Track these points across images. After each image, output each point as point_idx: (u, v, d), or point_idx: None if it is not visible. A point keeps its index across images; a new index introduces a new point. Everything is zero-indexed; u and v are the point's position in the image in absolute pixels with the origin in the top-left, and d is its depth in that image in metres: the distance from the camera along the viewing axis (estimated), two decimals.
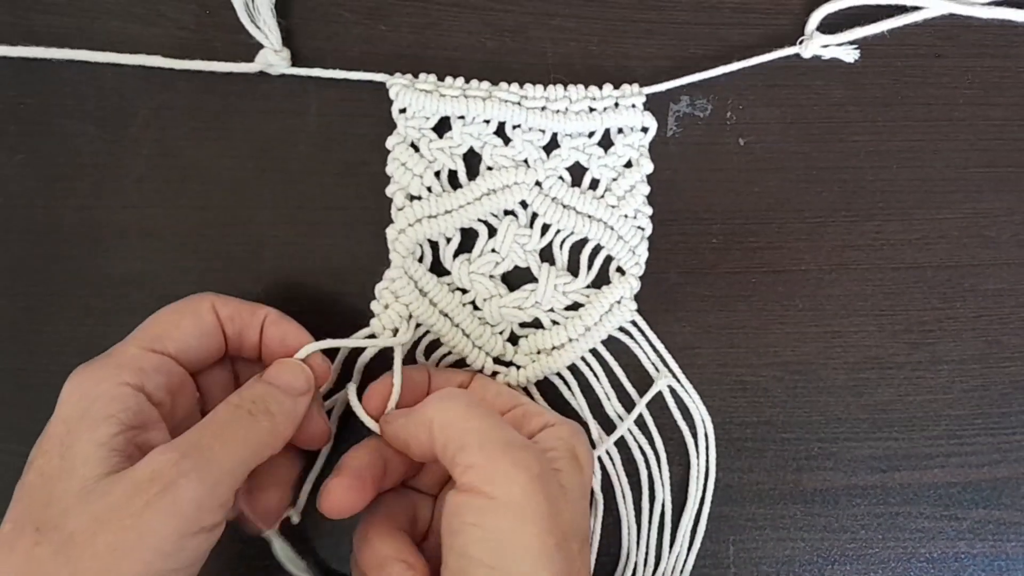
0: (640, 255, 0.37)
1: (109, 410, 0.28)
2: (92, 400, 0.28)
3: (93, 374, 0.29)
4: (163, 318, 0.31)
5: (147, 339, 0.30)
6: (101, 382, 0.28)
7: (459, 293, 0.37)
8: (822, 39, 0.37)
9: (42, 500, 0.27)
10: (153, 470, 0.27)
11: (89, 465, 0.27)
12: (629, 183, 0.37)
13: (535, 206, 0.37)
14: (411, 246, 0.36)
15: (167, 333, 0.30)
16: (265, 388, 0.30)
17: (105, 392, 0.28)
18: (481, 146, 0.37)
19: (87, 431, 0.27)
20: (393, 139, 0.37)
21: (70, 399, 0.28)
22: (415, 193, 0.36)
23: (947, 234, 0.38)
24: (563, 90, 0.37)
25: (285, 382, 0.31)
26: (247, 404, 0.30)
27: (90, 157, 0.37)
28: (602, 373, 0.37)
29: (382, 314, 0.36)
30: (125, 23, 0.38)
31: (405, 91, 0.36)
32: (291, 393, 0.31)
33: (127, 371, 0.29)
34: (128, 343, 0.30)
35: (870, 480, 0.37)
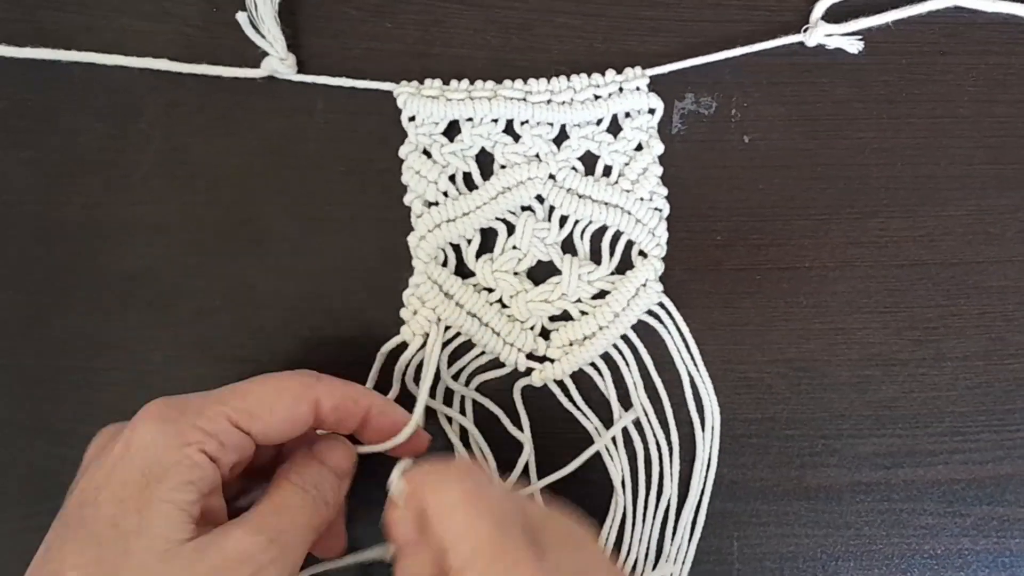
0: (660, 236, 0.37)
1: (191, 476, 0.27)
2: (175, 459, 0.27)
3: (176, 429, 0.28)
4: (259, 395, 0.30)
5: (237, 412, 0.29)
6: (183, 444, 0.27)
7: (485, 293, 0.37)
8: (826, 28, 0.37)
9: (117, 555, 0.26)
10: (243, 551, 0.27)
11: (172, 529, 0.26)
12: (641, 166, 0.37)
13: (551, 199, 0.37)
14: (433, 251, 0.36)
15: (258, 414, 0.29)
16: (320, 471, 0.31)
17: (187, 456, 0.27)
18: (492, 146, 0.37)
19: (167, 491, 0.27)
20: (405, 148, 0.37)
21: (146, 446, 0.27)
22: (432, 199, 0.37)
23: (952, 231, 0.38)
24: (567, 81, 0.37)
25: (336, 464, 0.31)
26: (311, 490, 0.30)
27: (97, 154, 0.37)
28: (633, 362, 0.37)
29: (411, 320, 0.36)
30: (133, 20, 0.38)
31: (412, 99, 0.36)
32: (339, 475, 0.31)
33: (211, 441, 0.28)
34: (216, 405, 0.29)
35: (874, 477, 0.37)
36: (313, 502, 0.30)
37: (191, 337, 0.37)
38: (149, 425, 0.28)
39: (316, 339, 0.37)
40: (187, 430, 0.28)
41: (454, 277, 0.37)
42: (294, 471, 0.30)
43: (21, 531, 0.37)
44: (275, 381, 0.30)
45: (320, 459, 0.31)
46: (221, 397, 0.29)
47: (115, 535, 0.26)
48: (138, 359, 0.37)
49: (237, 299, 0.37)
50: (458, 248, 0.37)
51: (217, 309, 0.37)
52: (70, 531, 0.27)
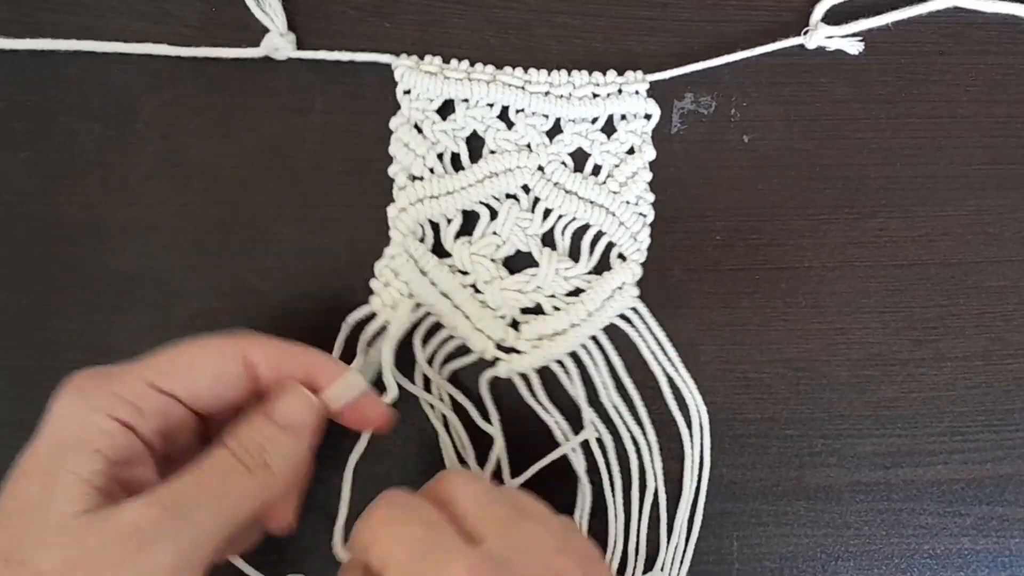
0: (642, 241, 0.37)
1: (98, 444, 0.26)
2: (82, 428, 0.26)
3: (87, 398, 0.27)
4: (180, 355, 0.29)
5: (154, 374, 0.28)
6: (94, 411, 0.27)
7: (460, 275, 0.37)
8: (826, 30, 0.37)
9: (16, 528, 0.25)
10: (133, 523, 0.25)
11: (69, 500, 0.25)
12: (631, 169, 0.37)
13: (537, 190, 0.37)
14: (412, 225, 0.36)
15: (178, 372, 0.28)
16: (264, 431, 0.28)
17: (93, 424, 0.26)
18: (484, 129, 0.37)
19: (71, 462, 0.26)
20: (397, 119, 0.37)
21: (60, 420, 0.27)
22: (417, 174, 0.37)
23: (951, 231, 0.38)
24: (567, 75, 0.37)
25: (288, 417, 0.29)
26: (243, 454, 0.27)
27: (95, 154, 0.37)
28: (602, 362, 0.37)
29: (382, 291, 0.36)
30: (130, 20, 0.38)
31: (410, 72, 0.36)
32: (295, 432, 0.29)
33: (122, 407, 0.27)
34: (132, 371, 0.28)
35: (873, 477, 0.37)
36: (244, 470, 0.27)
37: (189, 337, 0.37)
38: (64, 396, 0.27)
39: (314, 339, 0.36)
40: (99, 397, 0.27)
41: (430, 254, 0.36)
42: (230, 430, 0.28)
43: None
44: (200, 340, 0.29)
45: (268, 413, 0.29)
46: (141, 362, 0.28)
47: (17, 509, 0.26)
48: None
49: (235, 300, 0.37)
50: (437, 227, 0.37)
51: (215, 310, 0.37)
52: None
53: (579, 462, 0.36)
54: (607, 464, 0.36)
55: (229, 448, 0.28)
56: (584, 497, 0.36)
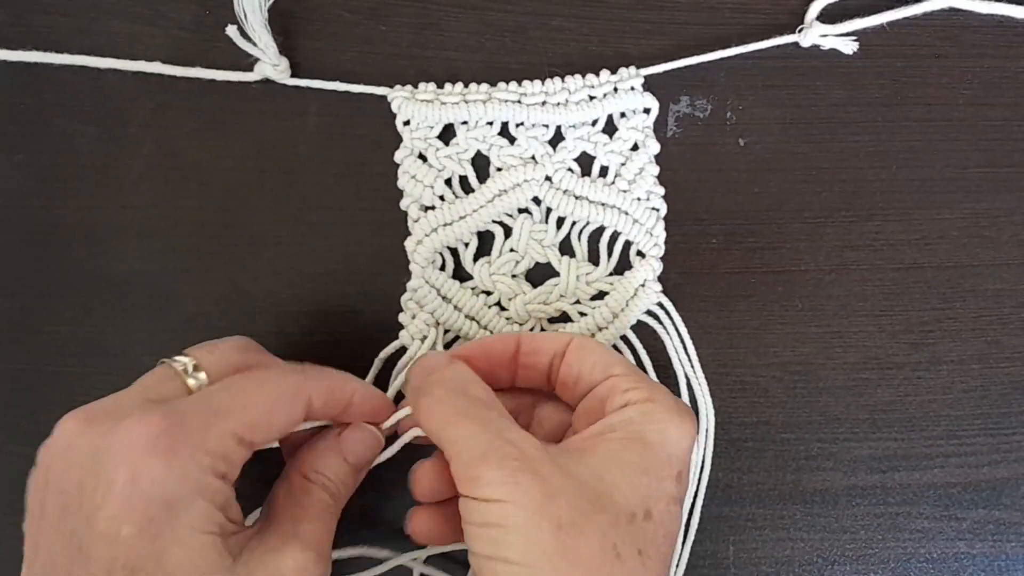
0: (658, 236, 0.37)
1: (215, 502, 0.27)
2: (195, 490, 0.26)
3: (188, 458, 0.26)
4: (259, 404, 0.28)
5: (243, 427, 0.28)
6: (200, 470, 0.26)
7: (483, 296, 0.37)
8: (821, 28, 0.37)
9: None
10: (298, 568, 0.28)
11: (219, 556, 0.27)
12: (638, 166, 0.37)
13: (548, 201, 0.37)
14: (430, 255, 0.36)
15: (260, 424, 0.28)
16: (342, 473, 0.31)
17: (207, 485, 0.27)
18: (488, 148, 0.37)
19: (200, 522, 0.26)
20: (401, 152, 0.37)
21: (165, 482, 0.26)
22: (428, 203, 0.37)
23: (947, 234, 0.38)
24: (561, 82, 0.37)
25: (359, 457, 0.31)
26: (336, 494, 0.30)
27: (89, 157, 0.37)
28: (633, 363, 0.36)
29: (409, 325, 0.36)
30: (124, 23, 0.38)
31: (407, 103, 0.36)
32: (359, 469, 0.31)
33: (222, 463, 0.27)
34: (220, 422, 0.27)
35: (870, 480, 0.37)
36: (338, 505, 0.30)
37: (184, 342, 0.36)
38: (155, 456, 0.26)
39: (310, 343, 0.37)
40: (198, 456, 0.26)
41: (452, 280, 0.36)
42: (312, 467, 0.30)
43: (10, 537, 0.37)
44: (271, 387, 0.29)
45: (343, 454, 0.31)
46: (221, 411, 0.28)
47: (159, 571, 0.25)
48: (130, 363, 0.37)
49: (230, 303, 0.37)
50: (456, 252, 0.37)
51: (209, 313, 0.37)
52: (98, 566, 0.25)
53: None
54: None
55: (325, 488, 0.30)
56: None
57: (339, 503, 0.31)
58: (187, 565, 0.26)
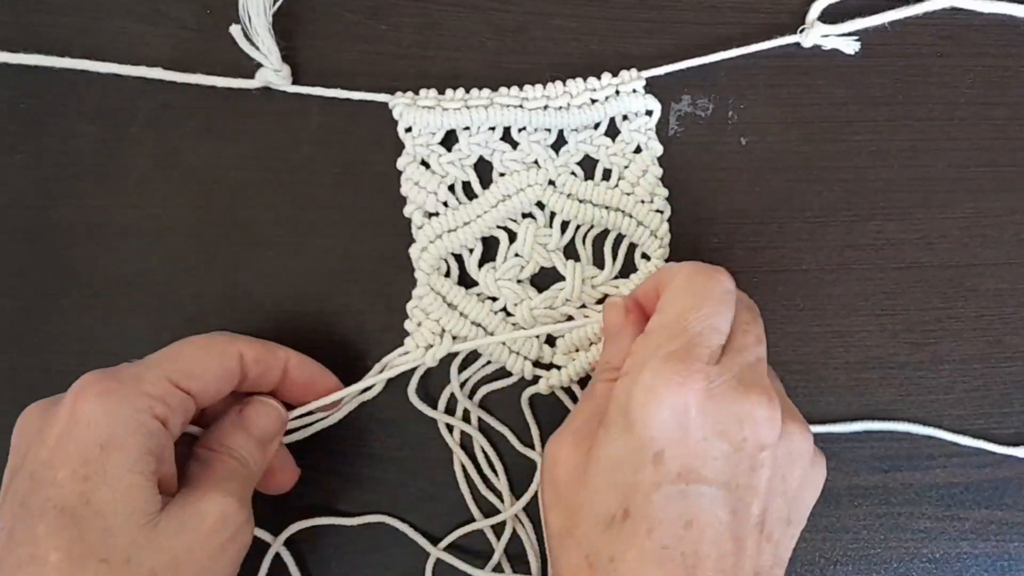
0: (663, 238, 0.37)
1: (149, 443, 0.27)
2: (128, 429, 0.27)
3: (122, 398, 0.28)
4: (190, 354, 0.30)
5: (176, 372, 0.29)
6: (134, 411, 0.28)
7: (489, 302, 0.37)
8: (823, 28, 0.37)
9: (100, 530, 0.26)
10: (223, 515, 0.28)
11: (148, 501, 0.27)
12: (641, 168, 0.37)
13: (551, 205, 0.37)
14: (435, 262, 0.36)
15: (194, 371, 0.30)
16: (246, 446, 0.31)
17: (141, 425, 0.27)
18: (490, 154, 0.37)
19: (132, 463, 0.27)
20: (403, 159, 0.37)
21: (95, 419, 0.27)
22: (432, 210, 0.37)
23: (948, 234, 0.38)
24: (562, 86, 0.37)
25: (262, 430, 0.32)
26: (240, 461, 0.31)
27: (90, 157, 0.37)
28: None
29: (415, 332, 0.36)
30: (126, 23, 0.38)
31: (408, 110, 0.36)
32: (263, 442, 0.32)
33: (158, 404, 0.28)
34: (153, 369, 0.29)
35: (872, 480, 0.37)
36: (247, 472, 0.31)
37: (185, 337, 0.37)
38: (93, 397, 0.27)
39: (311, 343, 0.36)
40: (134, 397, 0.28)
41: (457, 287, 0.36)
42: (219, 441, 0.31)
43: None
44: (200, 340, 0.31)
45: (246, 428, 0.32)
46: (154, 362, 0.30)
47: (90, 512, 0.26)
48: None
49: (231, 304, 0.37)
50: (460, 258, 0.37)
51: (210, 314, 0.37)
52: (34, 514, 0.26)
53: None
54: None
55: (225, 454, 0.31)
56: None
57: (250, 471, 0.31)
58: (115, 505, 0.26)
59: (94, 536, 0.26)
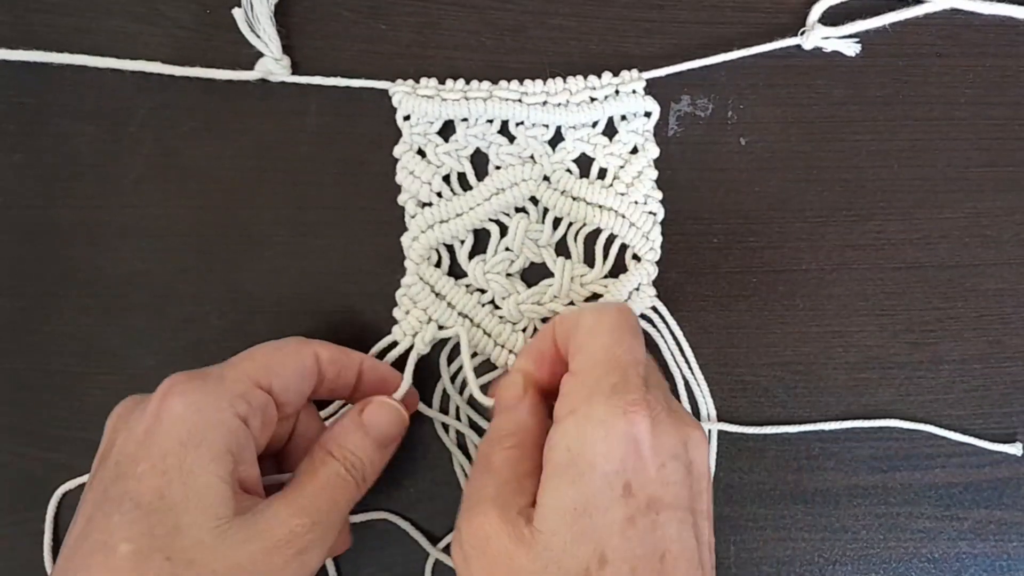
0: (654, 240, 0.37)
1: (228, 443, 0.28)
2: (210, 427, 0.27)
3: (206, 396, 0.28)
4: (267, 353, 0.30)
5: (256, 371, 0.29)
6: (216, 409, 0.28)
7: (478, 294, 0.37)
8: (823, 31, 0.37)
9: (170, 527, 0.26)
10: (290, 532, 0.28)
11: (222, 503, 0.27)
12: (636, 169, 0.37)
13: (545, 201, 0.37)
14: (425, 252, 0.36)
15: (273, 369, 0.30)
16: (366, 449, 0.31)
17: (222, 423, 0.28)
18: (487, 146, 0.37)
19: (209, 461, 0.27)
20: (400, 147, 0.37)
21: (180, 416, 0.27)
22: (425, 199, 0.37)
23: (948, 234, 0.38)
24: (563, 83, 0.37)
25: (382, 431, 0.32)
26: (352, 470, 0.30)
27: (89, 157, 0.37)
28: None
29: (403, 320, 0.36)
30: (124, 22, 0.37)
31: (408, 98, 0.36)
32: (382, 445, 0.32)
33: (240, 403, 0.28)
34: (236, 369, 0.29)
35: (871, 480, 0.37)
36: (354, 481, 0.30)
37: (183, 341, 0.37)
38: (178, 395, 0.28)
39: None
40: (217, 395, 0.28)
41: (446, 278, 0.36)
42: (336, 442, 0.31)
43: (11, 536, 0.37)
44: (275, 342, 0.31)
45: (365, 427, 0.31)
46: (234, 362, 0.30)
47: (164, 507, 0.26)
48: (130, 363, 0.37)
49: (229, 302, 0.37)
50: (452, 248, 0.37)
51: (209, 312, 0.37)
52: (113, 503, 0.27)
53: None
54: None
55: (340, 462, 0.30)
56: None
57: (362, 477, 0.31)
58: (187, 503, 0.26)
59: (163, 532, 0.26)
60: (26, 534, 0.36)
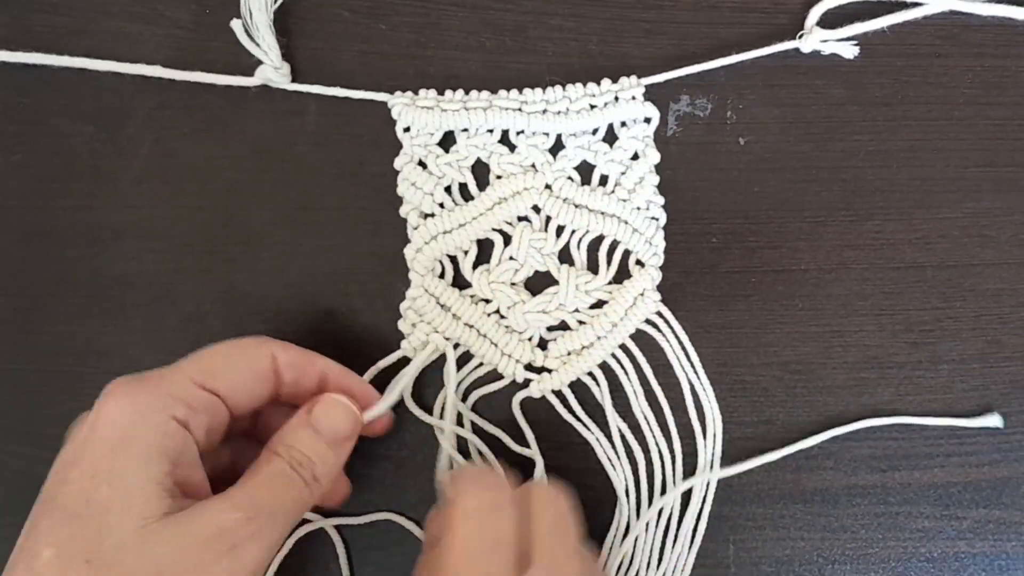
0: (657, 245, 0.37)
1: (162, 445, 0.27)
2: (141, 429, 0.27)
3: (141, 399, 0.27)
4: (217, 354, 0.30)
5: (199, 372, 0.29)
6: (151, 411, 0.27)
7: (483, 304, 0.37)
8: (821, 34, 0.37)
9: (92, 530, 0.26)
10: (220, 527, 0.27)
11: (147, 503, 0.26)
12: (638, 175, 0.37)
13: (547, 209, 0.37)
14: (429, 264, 0.36)
15: (220, 371, 0.29)
16: (314, 447, 0.30)
17: (156, 425, 0.27)
18: (488, 156, 0.37)
19: (139, 463, 0.26)
20: (401, 159, 0.37)
21: (114, 420, 0.27)
22: (428, 211, 0.36)
23: (947, 234, 0.38)
24: (562, 91, 0.37)
25: (332, 427, 0.30)
26: (299, 468, 0.29)
27: (87, 157, 0.37)
28: (632, 371, 0.37)
29: (410, 334, 0.36)
30: (123, 22, 0.37)
31: (407, 109, 0.36)
32: (334, 443, 0.31)
33: (178, 405, 0.28)
34: (177, 371, 0.29)
35: (870, 480, 0.37)
36: (301, 482, 0.29)
37: (181, 342, 0.37)
38: (114, 399, 0.27)
39: (307, 344, 0.36)
40: (154, 398, 0.27)
41: (451, 289, 0.36)
42: (282, 441, 0.30)
43: (10, 536, 0.36)
44: (230, 342, 0.30)
45: (315, 425, 0.30)
46: (180, 364, 0.29)
47: (89, 511, 0.26)
48: (127, 364, 0.36)
49: (227, 304, 0.37)
50: (455, 259, 0.37)
51: (207, 314, 0.37)
52: (45, 509, 0.26)
53: (619, 481, 0.36)
54: (636, 482, 0.36)
55: (285, 460, 0.29)
56: (621, 516, 0.36)
57: (311, 476, 0.30)
58: (112, 505, 0.26)
59: (87, 536, 0.26)
60: None
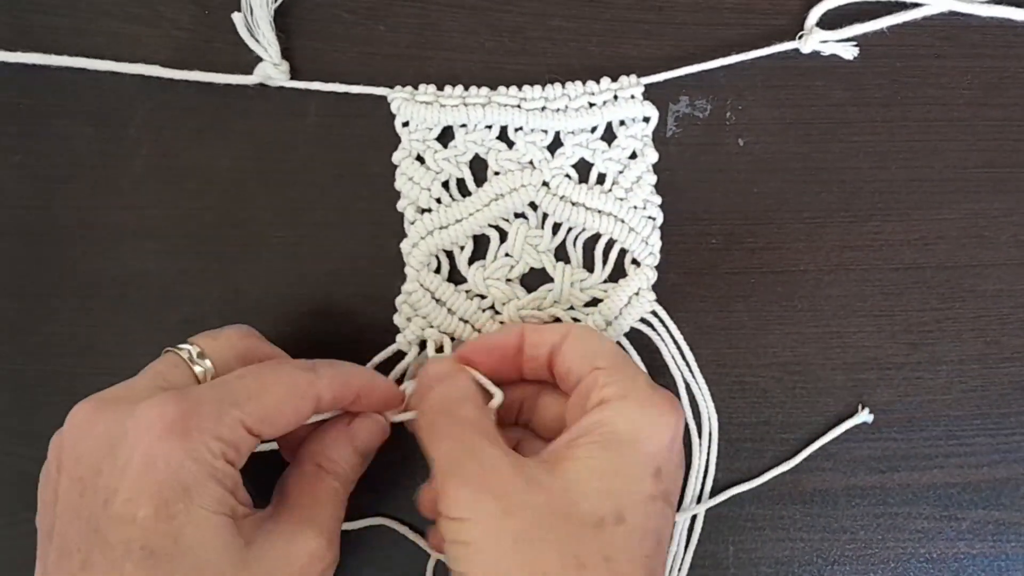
0: (653, 245, 0.37)
1: (224, 484, 0.27)
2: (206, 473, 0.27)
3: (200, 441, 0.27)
4: (272, 399, 0.29)
5: (252, 418, 0.28)
6: (211, 455, 0.27)
7: (478, 300, 0.37)
8: (821, 34, 0.37)
9: (189, 568, 0.26)
10: (311, 553, 0.29)
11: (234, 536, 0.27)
12: (635, 174, 0.37)
13: (544, 206, 0.37)
14: (425, 258, 0.36)
15: (270, 418, 0.29)
16: (350, 458, 0.32)
17: (217, 468, 0.27)
18: (486, 152, 0.37)
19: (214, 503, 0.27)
20: (399, 154, 0.37)
21: (180, 462, 0.26)
22: (425, 206, 0.37)
23: (946, 235, 0.38)
24: (561, 88, 0.37)
25: (366, 444, 0.32)
26: (342, 482, 0.31)
27: (88, 158, 0.37)
28: None
29: (405, 328, 0.36)
30: (123, 23, 0.37)
31: (406, 104, 0.36)
32: (364, 456, 0.32)
33: (231, 450, 0.28)
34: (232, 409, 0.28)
35: (869, 481, 0.37)
36: (346, 491, 0.31)
37: (182, 342, 0.37)
38: (170, 439, 0.26)
39: (307, 343, 0.37)
40: (210, 441, 0.27)
41: (446, 284, 0.36)
42: (325, 455, 0.31)
43: (10, 536, 0.37)
44: (284, 384, 0.29)
45: (353, 439, 0.32)
46: (235, 399, 0.28)
47: (179, 551, 0.26)
48: (128, 364, 0.36)
49: (228, 303, 0.37)
50: (451, 255, 0.37)
51: (207, 313, 0.37)
52: (117, 550, 0.26)
53: None
54: None
55: (330, 473, 0.31)
56: None
57: (347, 489, 0.32)
58: (203, 545, 0.26)
59: (184, 574, 0.26)
60: (24, 534, 0.36)
